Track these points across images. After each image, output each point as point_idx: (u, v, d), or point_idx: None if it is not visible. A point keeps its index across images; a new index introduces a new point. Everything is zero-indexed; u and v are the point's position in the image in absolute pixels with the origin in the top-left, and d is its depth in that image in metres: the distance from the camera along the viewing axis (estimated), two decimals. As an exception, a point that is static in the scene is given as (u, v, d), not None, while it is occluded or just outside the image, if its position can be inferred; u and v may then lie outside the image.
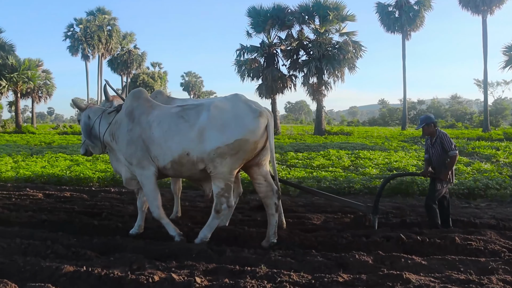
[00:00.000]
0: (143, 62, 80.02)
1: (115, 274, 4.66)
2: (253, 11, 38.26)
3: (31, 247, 5.82)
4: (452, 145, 6.85)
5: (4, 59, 43.79)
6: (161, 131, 6.17)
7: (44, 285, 4.39)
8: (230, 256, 5.52)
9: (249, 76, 38.36)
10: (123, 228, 6.90)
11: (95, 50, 66.82)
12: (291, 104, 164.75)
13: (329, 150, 19.78)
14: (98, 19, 66.41)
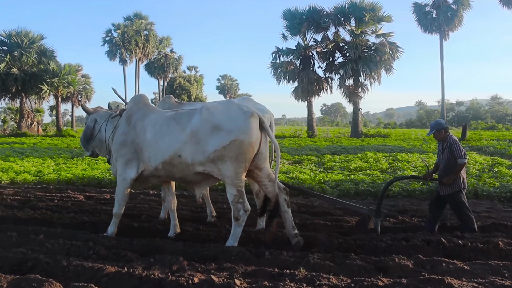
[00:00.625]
0: (180, 65, 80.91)
1: (155, 276, 4.71)
2: (289, 13, 38.31)
3: (73, 247, 5.95)
4: (462, 152, 6.77)
5: (45, 65, 44.97)
6: (153, 133, 6.35)
7: (87, 285, 4.47)
8: (268, 258, 5.52)
9: (285, 78, 38.41)
10: (162, 230, 6.99)
11: (133, 54, 67.81)
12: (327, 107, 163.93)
13: (366, 152, 19.61)
14: (135, 24, 67.37)
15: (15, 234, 6.55)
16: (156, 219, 7.95)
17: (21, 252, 5.69)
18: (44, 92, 43.92)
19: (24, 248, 5.94)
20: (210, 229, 6.94)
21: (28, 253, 5.65)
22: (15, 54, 44.29)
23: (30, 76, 44.67)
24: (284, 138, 36.50)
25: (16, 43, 44.49)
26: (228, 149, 5.81)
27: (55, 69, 44.83)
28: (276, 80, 38.77)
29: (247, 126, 5.85)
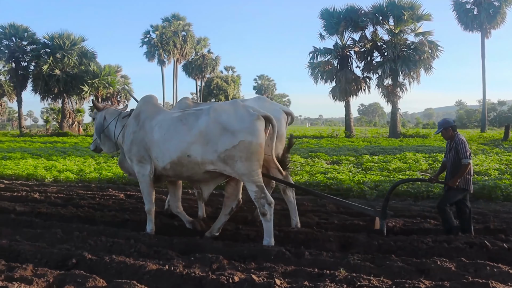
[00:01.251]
0: (217, 66, 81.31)
1: (196, 274, 4.76)
2: (326, 13, 38.10)
3: (115, 245, 6.07)
4: (467, 153, 6.67)
5: (86, 66, 45.96)
6: (160, 134, 6.54)
7: (130, 282, 4.55)
8: (308, 258, 5.51)
9: (322, 78, 38.21)
10: (202, 229, 7.04)
11: (171, 55, 68.55)
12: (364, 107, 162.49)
13: (405, 153, 19.31)
14: (173, 25, 68.05)
15: (60, 231, 6.73)
16: (195, 218, 8.02)
17: (66, 249, 5.85)
18: (85, 92, 44.87)
19: (68, 245, 6.11)
20: (249, 229, 6.97)
21: (72, 250, 5.81)
22: (58, 56, 45.40)
23: (72, 77, 45.74)
24: (321, 138, 36.32)
25: (58, 45, 45.62)
26: (238, 149, 5.96)
27: (96, 70, 45.76)
28: (314, 80, 38.61)
29: (254, 127, 6.01)
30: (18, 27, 46.66)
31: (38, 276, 4.88)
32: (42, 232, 6.77)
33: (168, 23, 68.11)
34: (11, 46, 46.59)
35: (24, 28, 47.01)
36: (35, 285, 4.65)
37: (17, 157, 20.53)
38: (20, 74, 48.19)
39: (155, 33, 67.75)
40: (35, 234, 6.75)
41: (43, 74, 45.06)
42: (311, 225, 7.32)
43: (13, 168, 15.87)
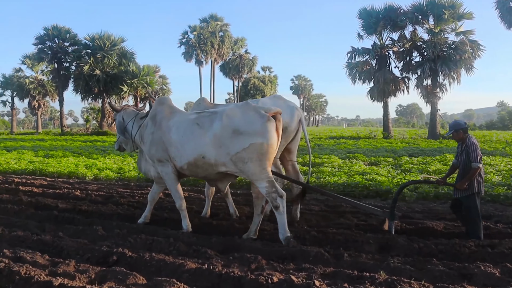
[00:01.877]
0: (254, 66, 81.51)
1: (235, 273, 4.76)
2: (364, 12, 37.66)
3: (155, 243, 6.13)
4: (478, 156, 6.58)
5: (125, 66, 46.69)
6: (178, 135, 6.82)
7: (169, 280, 4.59)
8: (347, 260, 5.46)
9: (360, 78, 37.82)
10: (240, 229, 7.06)
11: (208, 55, 69.06)
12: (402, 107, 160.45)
13: (446, 154, 18.93)
14: (211, 25, 68.54)
15: (100, 228, 6.86)
16: (233, 217, 8.06)
17: (106, 246, 5.94)
18: (124, 92, 45.61)
19: (109, 242, 6.21)
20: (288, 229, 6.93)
21: (113, 247, 5.89)
22: (98, 57, 46.26)
23: (111, 77, 46.54)
24: (359, 139, 35.99)
25: (99, 46, 46.49)
26: (249, 151, 6.15)
27: (135, 70, 46.45)
28: (351, 80, 38.25)
29: (265, 129, 6.17)
30: (60, 29, 47.77)
31: (80, 272, 4.98)
32: (83, 229, 6.90)
33: (206, 24, 68.62)
34: (53, 47, 47.76)
35: (66, 30, 48.11)
36: (78, 280, 4.74)
37: (59, 155, 21.04)
38: (62, 74, 49.35)
39: (193, 34, 68.38)
40: (77, 230, 6.90)
41: (84, 74, 45.99)
42: (350, 227, 7.25)
43: (55, 166, 16.27)
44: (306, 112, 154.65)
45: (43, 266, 5.24)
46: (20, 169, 16.26)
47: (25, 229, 7.10)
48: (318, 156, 19.03)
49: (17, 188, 11.33)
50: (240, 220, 7.73)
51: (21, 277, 4.76)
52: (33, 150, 24.87)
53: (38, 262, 5.37)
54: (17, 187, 11.52)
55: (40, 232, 6.94)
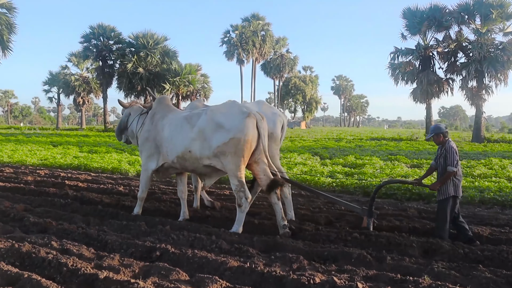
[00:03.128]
0: (295, 66, 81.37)
1: (277, 273, 4.76)
2: (409, 12, 37.07)
3: (197, 240, 6.19)
4: (454, 160, 6.75)
5: (168, 65, 47.25)
6: (169, 131, 7.42)
7: (212, 277, 4.62)
8: (390, 263, 5.38)
9: (403, 79, 37.31)
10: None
11: (250, 54, 69.27)
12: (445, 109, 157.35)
13: (491, 158, 18.46)
14: (252, 25, 68.70)
15: (144, 224, 6.97)
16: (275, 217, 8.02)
17: (150, 241, 6.03)
18: (166, 90, 46.13)
19: (152, 237, 6.32)
20: (329, 230, 6.90)
21: (156, 242, 5.97)
22: (141, 55, 46.97)
23: (154, 75, 47.18)
24: (400, 141, 35.49)
25: (142, 44, 47.19)
26: (228, 145, 6.63)
27: (177, 68, 46.95)
28: (394, 81, 37.75)
29: (244, 125, 6.62)
30: (105, 27, 48.69)
31: (124, 266, 5.07)
32: (127, 224, 7.03)
33: (247, 23, 68.81)
34: (99, 46, 48.71)
35: (111, 28, 49.00)
36: (122, 274, 4.83)
37: (102, 151, 21.50)
38: (106, 72, 50.29)
39: (235, 33, 68.68)
40: (120, 225, 7.04)
41: (127, 72, 46.78)
42: (392, 229, 7.14)
43: (99, 161, 16.63)
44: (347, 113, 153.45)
45: (88, 259, 5.36)
46: (66, 164, 16.70)
47: (71, 222, 7.30)
48: (360, 157, 18.85)
49: (63, 182, 11.63)
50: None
51: (68, 269, 4.88)
52: (77, 146, 25.50)
53: (84, 254, 5.50)
54: (63, 181, 11.82)
55: (85, 225, 7.10)
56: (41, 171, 14.61)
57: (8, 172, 14.14)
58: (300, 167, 14.98)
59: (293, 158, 17.92)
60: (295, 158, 17.91)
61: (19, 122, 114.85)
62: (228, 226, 7.12)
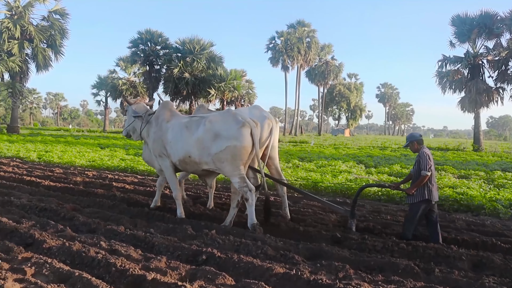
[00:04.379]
0: (340, 73, 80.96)
1: (323, 281, 4.72)
2: (458, 19, 36.33)
3: (243, 245, 6.20)
4: (427, 165, 6.99)
5: (213, 70, 47.68)
6: (172, 136, 8.03)
7: (258, 283, 4.62)
8: (438, 276, 5.26)
9: (451, 88, 36.54)
10: (327, 236, 7.00)
11: (294, 61, 69.34)
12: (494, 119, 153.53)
13: (544, 171, 17.83)
14: (298, 31, 68.76)
15: (190, 227, 7.04)
16: (320, 224, 8.00)
17: (196, 245, 6.09)
18: (211, 95, 46.58)
19: (198, 241, 6.37)
20: (376, 239, 6.79)
21: (202, 246, 6.02)
22: (188, 60, 47.55)
23: (200, 81, 47.68)
24: (447, 151, 34.76)
25: (188, 50, 47.78)
26: (224, 153, 7.19)
27: (222, 74, 47.34)
28: (441, 89, 37.00)
29: (239, 134, 7.16)
30: (153, 33, 49.51)
31: (171, 269, 5.14)
32: (173, 227, 7.11)
33: (293, 30, 68.93)
34: (146, 51, 49.56)
35: (158, 34, 49.79)
36: (169, 276, 4.89)
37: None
38: (153, 76, 51.10)
39: (280, 39, 68.88)
40: (167, 228, 7.13)
41: (173, 77, 47.43)
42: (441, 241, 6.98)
43: (144, 164, 16.88)
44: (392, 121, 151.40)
45: (136, 260, 5.46)
46: (113, 166, 17.06)
47: (118, 223, 7.44)
48: (406, 166, 18.55)
49: (111, 184, 11.88)
50: (327, 227, 7.66)
51: (117, 269, 4.98)
52: (124, 148, 26.01)
53: (132, 256, 5.60)
54: (111, 183, 12.07)
55: (132, 227, 7.24)
56: (89, 172, 14.97)
57: (58, 172, 14.55)
58: (344, 175, 14.84)
59: (337, 166, 17.78)
60: (339, 166, 17.76)
61: (68, 124, 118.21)
62: (274, 232, 7.12)
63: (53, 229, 6.84)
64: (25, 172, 14.26)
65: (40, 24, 44.09)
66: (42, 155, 20.37)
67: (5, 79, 44.42)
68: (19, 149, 23.10)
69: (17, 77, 43.89)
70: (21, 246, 5.89)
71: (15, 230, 6.61)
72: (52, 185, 11.45)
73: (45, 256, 5.47)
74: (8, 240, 6.23)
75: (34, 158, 19.60)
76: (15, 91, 43.59)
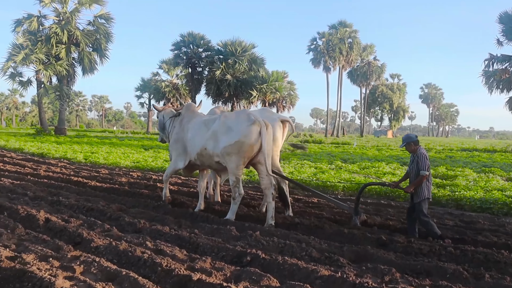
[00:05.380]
0: (382, 73, 79.95)
1: (369, 284, 4.65)
2: (506, 16, 35.20)
3: (287, 247, 6.18)
4: (426, 166, 7.30)
5: (255, 72, 47.79)
6: (192, 133, 8.77)
7: (302, 285, 4.59)
8: (489, 281, 5.09)
9: (498, 88, 35.50)
10: (372, 238, 6.90)
11: (336, 62, 68.80)
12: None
13: None
14: (339, 32, 68.23)
15: (234, 228, 7.05)
16: (365, 227, 7.89)
17: (240, 246, 6.09)
18: (253, 97, 46.69)
19: (242, 242, 6.37)
20: (422, 243, 6.64)
21: (246, 247, 6.02)
22: (229, 62, 47.80)
23: (242, 82, 47.86)
24: (494, 153, 33.84)
25: (230, 51, 48.04)
26: (233, 147, 7.75)
27: (264, 76, 47.38)
28: (488, 89, 35.97)
29: (248, 131, 7.70)
30: (195, 35, 49.99)
31: (216, 269, 5.16)
32: (217, 228, 7.14)
33: (334, 30, 68.44)
34: (188, 53, 50.08)
35: (200, 36, 50.24)
36: (214, 277, 4.90)
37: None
38: (195, 78, 51.61)
39: (322, 40, 68.50)
40: (211, 229, 7.16)
41: (215, 79, 47.77)
42: (490, 245, 6.78)
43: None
44: (435, 122, 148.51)
45: (181, 261, 5.50)
46: (157, 167, 17.32)
47: (163, 223, 7.53)
48: (451, 168, 18.15)
49: (155, 184, 12.05)
50: (372, 230, 7.54)
51: (163, 269, 5.03)
52: (167, 150, 26.26)
53: (177, 256, 5.65)
54: (155, 184, 12.25)
55: (177, 227, 7.30)
56: (134, 173, 15.22)
57: (104, 173, 14.84)
58: (389, 177, 14.62)
59: (381, 168, 17.54)
60: (383, 168, 17.52)
61: (112, 126, 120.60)
62: (318, 234, 7.09)
63: (100, 229, 6.98)
64: (73, 172, 14.61)
65: (86, 28, 45.12)
66: (88, 156, 20.83)
67: (53, 83, 45.54)
68: (66, 150, 23.68)
69: (64, 80, 44.98)
70: (70, 244, 6.03)
71: (64, 229, 6.78)
72: (98, 186, 11.70)
73: (93, 255, 5.59)
74: (58, 238, 6.39)
75: (81, 159, 20.05)
76: (62, 94, 44.65)
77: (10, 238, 6.31)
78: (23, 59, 41.30)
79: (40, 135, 42.59)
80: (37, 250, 5.61)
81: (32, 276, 4.68)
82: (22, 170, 14.91)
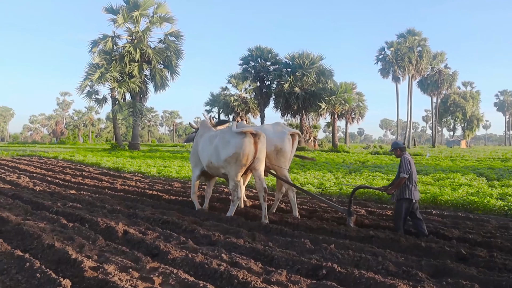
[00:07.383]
0: (454, 81, 77.47)
1: (451, 300, 4.47)
2: None
3: (362, 260, 6.07)
4: (405, 169, 8.10)
5: (323, 84, 47.73)
6: (201, 147, 10.06)
7: (381, 300, 4.48)
8: None
9: None
10: (451, 253, 6.65)
11: (405, 71, 67.37)
12: None
13: None
14: (408, 40, 66.88)
15: (308, 242, 7.02)
16: (442, 240, 7.60)
17: (315, 259, 6.04)
18: (322, 109, 46.61)
19: (317, 255, 6.33)
20: (506, 257, 6.34)
21: (321, 261, 5.97)
22: (297, 75, 48.01)
23: (310, 95, 47.91)
24: None
25: (298, 64, 48.25)
26: (231, 158, 9.04)
27: (333, 87, 47.23)
28: None
29: (242, 143, 8.94)
30: (263, 49, 50.57)
31: (292, 283, 5.13)
32: (292, 241, 7.12)
33: (403, 39, 67.18)
34: (256, 67, 50.72)
35: (268, 50, 50.76)
36: (290, 291, 4.87)
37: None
38: (264, 92, 52.12)
39: (390, 50, 67.39)
40: (285, 242, 7.14)
41: (284, 92, 48.07)
42: None
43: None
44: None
45: (257, 273, 5.51)
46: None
47: (237, 236, 7.58)
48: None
49: (227, 198, 12.20)
50: (450, 243, 7.26)
51: (239, 281, 5.07)
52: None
53: (253, 268, 5.67)
54: (227, 197, 12.40)
55: (251, 240, 7.33)
56: (206, 186, 15.41)
57: (177, 186, 15.17)
58: (465, 188, 14.09)
59: (456, 179, 16.92)
60: (459, 179, 16.89)
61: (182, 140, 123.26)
62: (394, 248, 6.92)
63: (176, 241, 7.12)
64: (147, 186, 15.04)
65: (157, 46, 46.52)
66: (161, 170, 21.35)
67: (126, 99, 47.17)
68: (140, 165, 24.39)
69: (137, 97, 46.49)
70: (148, 256, 6.19)
71: (142, 241, 6.97)
72: (173, 199, 11.97)
73: (170, 266, 5.71)
74: (136, 250, 6.58)
75: (154, 173, 20.57)
76: (135, 110, 46.14)
77: (92, 249, 6.56)
78: (99, 78, 43.07)
79: (115, 150, 44.20)
80: (117, 261, 5.79)
81: (114, 286, 4.83)
82: (100, 184, 15.52)
